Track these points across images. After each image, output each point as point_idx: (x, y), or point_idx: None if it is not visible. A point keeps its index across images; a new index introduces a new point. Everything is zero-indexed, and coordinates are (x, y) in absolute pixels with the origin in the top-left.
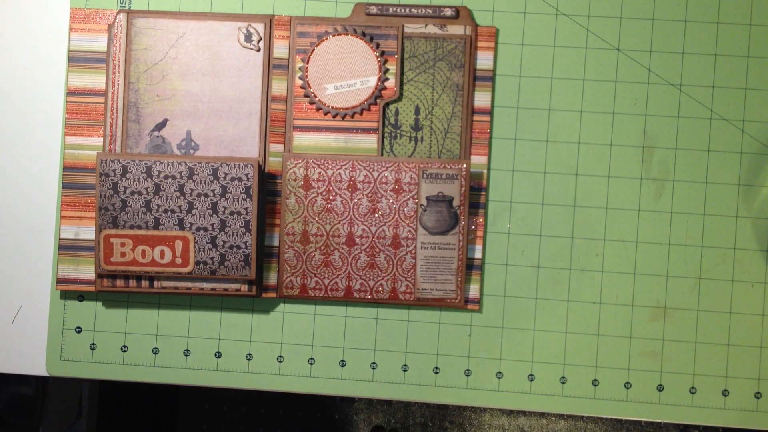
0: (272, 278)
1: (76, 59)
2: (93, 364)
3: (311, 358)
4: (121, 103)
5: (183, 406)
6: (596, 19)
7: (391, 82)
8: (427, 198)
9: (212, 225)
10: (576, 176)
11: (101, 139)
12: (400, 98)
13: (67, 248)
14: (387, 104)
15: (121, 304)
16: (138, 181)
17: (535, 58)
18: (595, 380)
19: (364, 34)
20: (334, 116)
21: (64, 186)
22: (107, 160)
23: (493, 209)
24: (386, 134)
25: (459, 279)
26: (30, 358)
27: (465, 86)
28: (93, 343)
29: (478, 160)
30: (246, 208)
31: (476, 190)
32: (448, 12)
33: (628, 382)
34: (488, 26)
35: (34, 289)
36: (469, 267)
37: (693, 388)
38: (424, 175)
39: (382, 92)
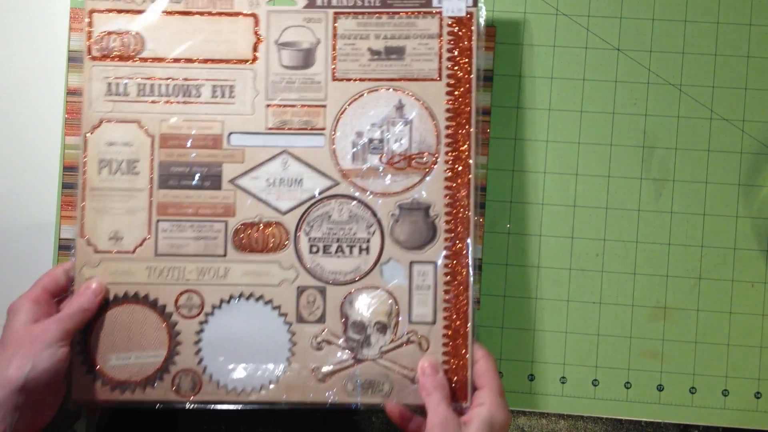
0: None
1: (76, 59)
2: None
3: None
4: None
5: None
6: (596, 19)
7: None
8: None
9: None
10: (576, 176)
11: None
12: None
13: (66, 248)
14: None
15: None
16: None
17: (535, 58)
18: (595, 380)
19: None
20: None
21: (64, 186)
22: None
23: (493, 209)
24: None
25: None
26: None
27: None
28: None
29: (478, 160)
30: None
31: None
32: None
33: (628, 382)
34: (488, 26)
35: None
36: None
37: (693, 388)
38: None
39: None
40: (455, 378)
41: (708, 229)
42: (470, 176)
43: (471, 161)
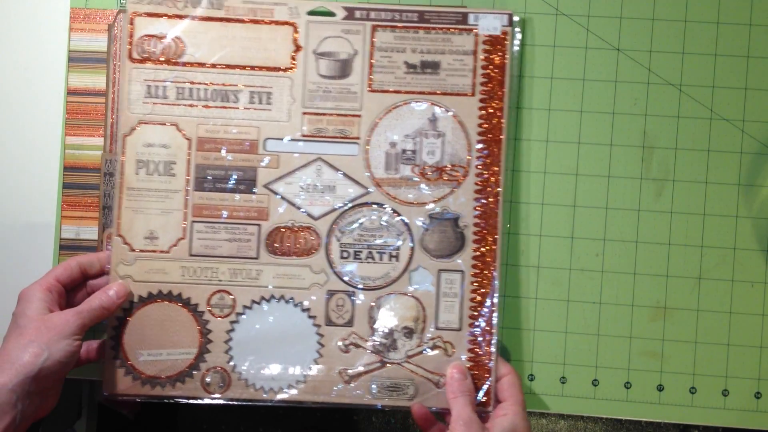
0: None
1: (76, 59)
2: (93, 364)
3: None
4: None
5: (183, 406)
6: (596, 19)
7: None
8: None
9: None
10: (576, 176)
11: (101, 139)
12: None
13: (67, 248)
14: None
15: None
16: None
17: (535, 58)
18: (595, 380)
19: None
20: None
21: (64, 186)
22: (112, 160)
23: None
24: None
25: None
26: None
27: None
28: None
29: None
30: None
31: None
32: None
33: (628, 382)
34: None
35: None
36: None
37: (693, 388)
38: None
39: None
40: (478, 384)
41: (708, 229)
42: (500, 189)
43: (501, 177)
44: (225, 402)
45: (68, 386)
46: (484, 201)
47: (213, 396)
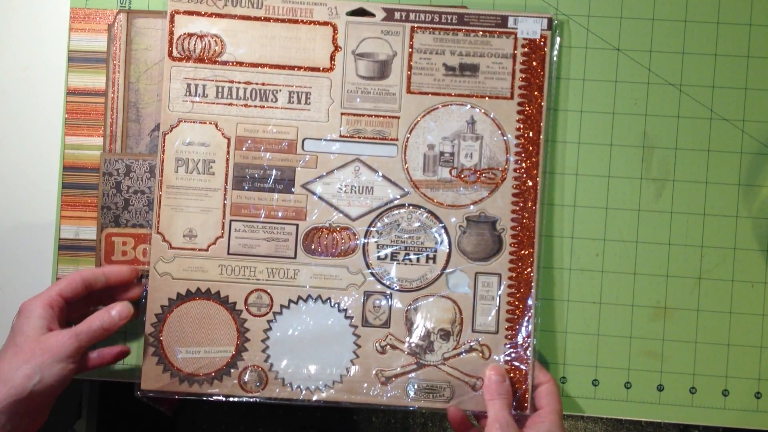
0: None
1: (76, 59)
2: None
3: None
4: (121, 103)
5: (184, 406)
6: (597, 19)
7: None
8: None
9: None
10: (576, 176)
11: (101, 139)
12: None
13: (67, 248)
14: None
15: None
16: (141, 180)
17: None
18: (595, 380)
19: None
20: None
21: (64, 186)
22: (111, 160)
23: None
24: None
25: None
26: None
27: None
28: None
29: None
30: None
31: None
32: None
33: (628, 382)
34: None
35: (34, 289)
36: None
37: (693, 388)
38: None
39: None
40: (515, 387)
41: (708, 229)
42: (538, 193)
43: (539, 180)
44: (262, 401)
45: (68, 386)
46: (522, 204)
47: (250, 395)
